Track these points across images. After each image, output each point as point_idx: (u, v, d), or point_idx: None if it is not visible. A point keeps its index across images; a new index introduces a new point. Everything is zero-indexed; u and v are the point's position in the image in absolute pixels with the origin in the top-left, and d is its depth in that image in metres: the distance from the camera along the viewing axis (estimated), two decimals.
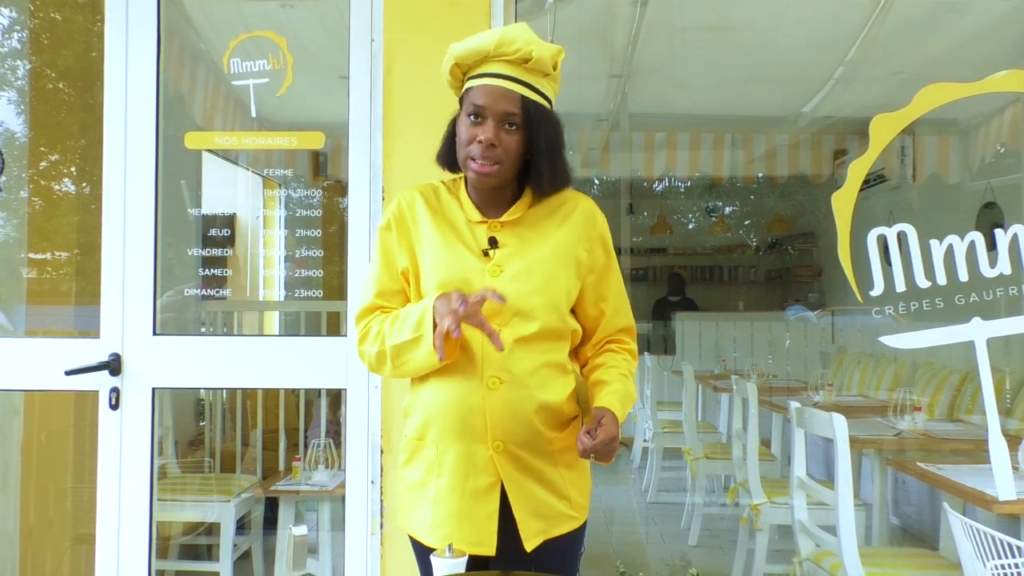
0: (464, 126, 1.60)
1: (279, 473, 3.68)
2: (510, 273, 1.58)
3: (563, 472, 1.63)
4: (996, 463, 2.47)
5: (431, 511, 1.61)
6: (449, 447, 1.60)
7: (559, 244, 1.63)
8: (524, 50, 1.56)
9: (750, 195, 9.49)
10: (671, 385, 5.72)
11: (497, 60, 1.57)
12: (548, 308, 1.60)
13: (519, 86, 1.57)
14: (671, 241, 9.24)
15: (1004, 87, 2.58)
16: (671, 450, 4.92)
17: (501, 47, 1.56)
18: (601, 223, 1.70)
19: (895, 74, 4.65)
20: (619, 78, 5.05)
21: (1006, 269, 2.53)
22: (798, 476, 2.96)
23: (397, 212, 1.69)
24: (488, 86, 1.57)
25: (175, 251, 2.73)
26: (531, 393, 1.58)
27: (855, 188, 2.58)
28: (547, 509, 1.61)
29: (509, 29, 1.59)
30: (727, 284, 9.30)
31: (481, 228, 1.63)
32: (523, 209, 1.65)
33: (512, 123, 1.57)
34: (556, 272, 1.61)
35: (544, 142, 1.60)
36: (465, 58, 1.60)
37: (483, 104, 1.56)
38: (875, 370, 4.95)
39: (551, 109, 1.64)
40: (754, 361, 6.19)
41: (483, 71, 1.59)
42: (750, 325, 6.67)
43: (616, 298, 1.71)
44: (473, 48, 1.59)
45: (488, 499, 1.59)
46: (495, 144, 1.56)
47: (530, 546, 1.59)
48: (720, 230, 9.03)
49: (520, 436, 1.59)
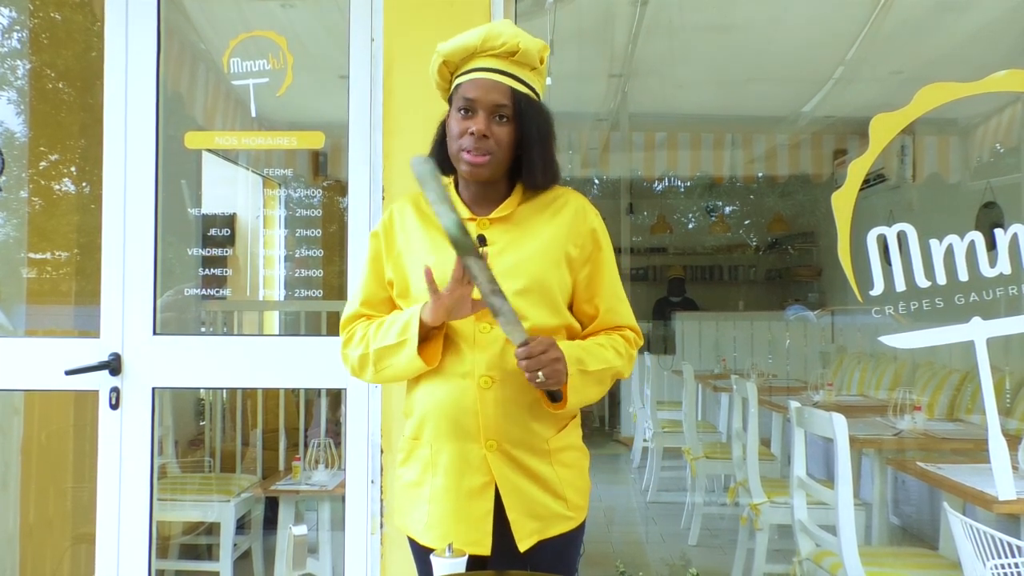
0: (455, 120, 1.60)
1: (279, 473, 3.68)
2: (498, 271, 1.56)
3: (559, 471, 1.62)
4: (996, 463, 2.47)
5: (427, 510, 1.61)
6: (443, 447, 1.60)
7: (549, 240, 1.62)
8: (511, 43, 1.57)
9: (750, 195, 9.50)
10: (671, 385, 5.73)
11: (484, 55, 1.59)
12: (539, 306, 1.59)
13: (508, 78, 1.58)
14: (671, 241, 9.25)
15: (1004, 87, 2.58)
16: (671, 450, 4.92)
17: (488, 41, 1.58)
18: (592, 218, 1.67)
19: (895, 74, 4.65)
20: (619, 78, 5.05)
21: (1006, 269, 2.53)
22: (798, 476, 2.96)
23: (387, 221, 1.71)
24: (477, 79, 1.58)
25: (175, 251, 2.73)
26: (523, 389, 1.57)
27: (855, 188, 2.58)
28: (542, 509, 1.60)
29: (494, 25, 1.60)
30: (727, 284, 9.31)
31: (470, 226, 1.62)
32: (513, 206, 1.64)
33: (503, 115, 1.58)
34: (546, 269, 1.60)
35: (536, 132, 1.60)
36: (453, 55, 1.61)
37: (473, 97, 1.57)
38: (875, 370, 4.95)
39: (540, 102, 1.64)
40: (754, 361, 6.19)
41: (471, 67, 1.60)
42: (750, 325, 6.67)
43: (610, 296, 1.68)
44: (460, 45, 1.60)
45: (482, 498, 1.58)
46: (487, 135, 1.56)
47: (524, 546, 1.58)
48: (720, 230, 9.04)
49: (514, 435, 1.58)
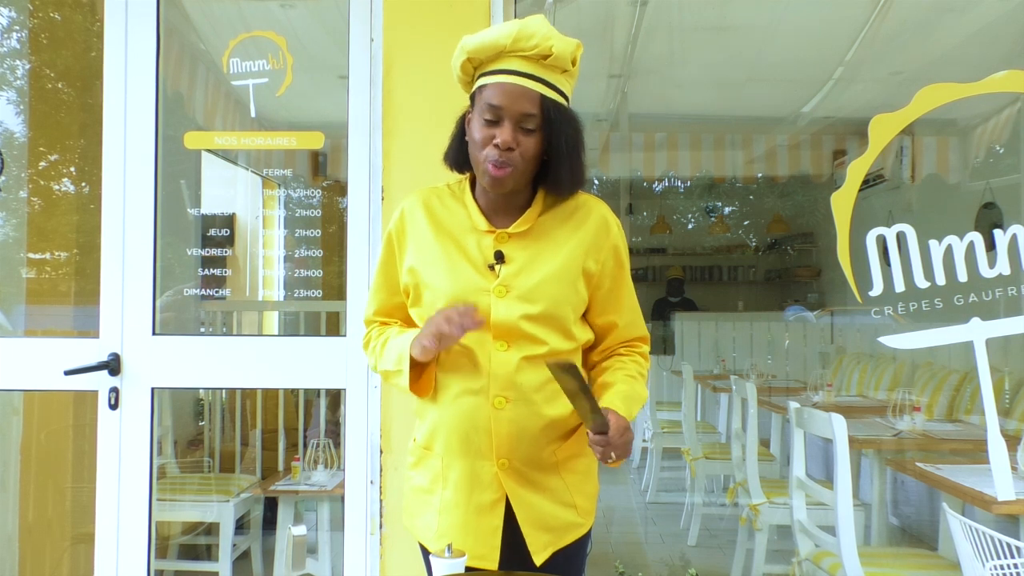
0: (478, 127, 1.49)
1: (278, 473, 3.68)
2: (516, 294, 1.51)
3: (568, 479, 1.60)
4: (995, 463, 2.47)
5: (436, 520, 1.60)
6: (454, 462, 1.58)
7: (569, 257, 1.55)
8: (543, 45, 1.46)
9: (749, 195, 9.50)
10: (670, 385, 5.73)
11: (513, 56, 1.47)
12: (555, 330, 1.54)
13: (538, 84, 1.47)
14: (670, 241, 9.24)
15: (1004, 87, 2.58)
16: (670, 450, 4.92)
17: (519, 42, 1.45)
18: (616, 232, 1.60)
19: (895, 74, 4.65)
20: (619, 78, 5.05)
21: (1005, 269, 2.53)
22: (797, 476, 2.96)
23: (398, 223, 1.63)
24: (505, 84, 1.46)
25: (175, 251, 2.73)
26: (538, 410, 1.53)
27: (854, 188, 2.58)
28: (554, 521, 1.58)
29: (528, 22, 1.48)
30: (726, 284, 9.31)
31: (488, 238, 1.55)
32: (533, 218, 1.56)
33: (530, 124, 1.47)
34: (564, 290, 1.54)
35: (565, 144, 1.50)
36: (479, 52, 1.49)
37: (499, 104, 1.46)
38: (874, 370, 4.95)
39: (569, 107, 1.54)
40: (753, 361, 6.18)
41: (498, 67, 1.48)
42: (749, 325, 6.67)
43: (629, 311, 1.64)
44: (489, 42, 1.48)
45: (492, 514, 1.56)
46: (512, 147, 1.46)
47: (539, 559, 1.56)
48: (720, 230, 9.04)
49: (525, 453, 1.56)
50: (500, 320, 1.51)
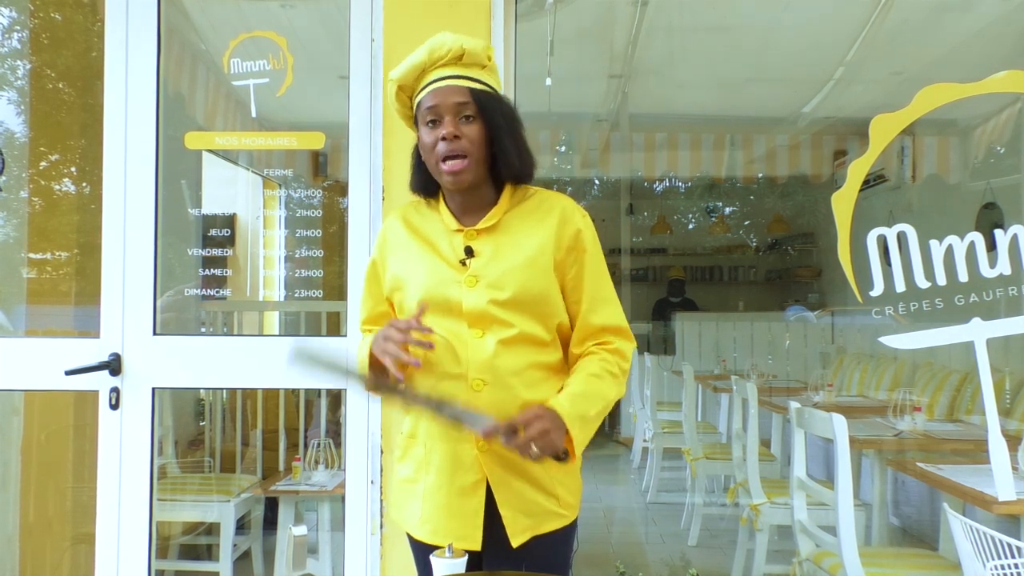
0: (425, 135, 1.64)
1: (279, 473, 3.68)
2: (485, 282, 1.60)
3: (550, 470, 1.63)
4: (996, 463, 2.47)
5: (420, 505, 1.67)
6: (436, 446, 1.65)
7: (535, 248, 1.63)
8: (455, 48, 1.62)
9: (750, 195, 9.50)
10: (671, 385, 5.72)
11: (433, 68, 1.64)
12: (526, 315, 1.61)
13: (462, 80, 1.62)
14: (671, 241, 9.25)
15: (1004, 87, 2.59)
16: (671, 450, 4.92)
17: (434, 53, 1.63)
18: (578, 219, 1.68)
19: (895, 74, 4.65)
20: (619, 78, 5.05)
21: (1006, 269, 2.53)
22: (798, 476, 2.96)
23: (380, 241, 1.76)
24: (435, 89, 1.62)
25: (175, 251, 2.73)
26: (516, 394, 1.59)
27: (855, 188, 2.59)
28: (534, 506, 1.63)
29: (435, 38, 1.65)
30: (727, 284, 9.31)
31: (458, 237, 1.66)
32: (500, 214, 1.67)
33: (467, 114, 1.61)
34: (533, 278, 1.61)
35: (502, 120, 1.63)
36: (405, 78, 1.66)
37: (435, 104, 1.61)
38: (875, 370, 4.95)
39: (500, 94, 1.68)
40: (754, 361, 6.19)
41: (425, 82, 1.64)
42: (750, 325, 6.67)
43: (592, 295, 1.68)
44: (409, 66, 1.65)
45: (474, 496, 1.62)
46: (458, 135, 1.59)
47: (516, 542, 1.61)
48: (720, 230, 9.04)
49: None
50: (471, 308, 1.60)
